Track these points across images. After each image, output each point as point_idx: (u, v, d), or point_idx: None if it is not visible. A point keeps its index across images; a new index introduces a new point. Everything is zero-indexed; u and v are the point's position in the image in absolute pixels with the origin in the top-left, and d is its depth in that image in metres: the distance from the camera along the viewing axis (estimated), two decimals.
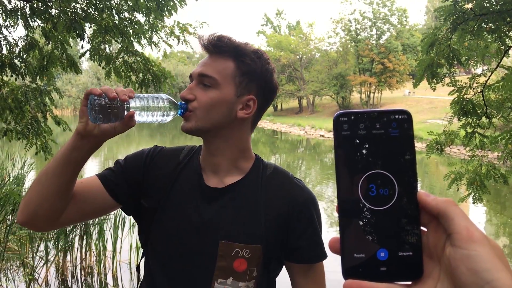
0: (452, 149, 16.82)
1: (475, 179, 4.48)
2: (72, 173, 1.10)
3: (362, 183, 0.47)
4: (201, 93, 1.19)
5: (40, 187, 1.11)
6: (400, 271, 0.46)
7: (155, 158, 1.33)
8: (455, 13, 4.04)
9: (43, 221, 1.15)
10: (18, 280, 5.04)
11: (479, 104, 4.32)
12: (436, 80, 4.32)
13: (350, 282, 0.45)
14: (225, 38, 1.21)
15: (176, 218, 1.24)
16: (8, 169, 7.70)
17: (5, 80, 4.75)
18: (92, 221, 5.60)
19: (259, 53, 1.25)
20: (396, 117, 0.48)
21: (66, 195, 1.13)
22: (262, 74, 1.23)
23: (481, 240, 0.41)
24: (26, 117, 4.60)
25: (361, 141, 0.48)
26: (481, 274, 0.40)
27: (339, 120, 0.48)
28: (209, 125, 1.19)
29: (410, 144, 0.48)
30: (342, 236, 0.47)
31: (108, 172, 1.28)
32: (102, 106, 1.01)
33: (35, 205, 1.12)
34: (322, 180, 15.25)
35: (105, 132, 1.06)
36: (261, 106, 1.26)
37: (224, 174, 1.26)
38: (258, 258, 1.19)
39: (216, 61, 1.21)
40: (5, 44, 4.65)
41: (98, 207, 1.26)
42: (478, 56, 4.29)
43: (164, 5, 4.84)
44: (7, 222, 5.26)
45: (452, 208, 0.44)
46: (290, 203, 1.23)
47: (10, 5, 4.59)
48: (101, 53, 4.96)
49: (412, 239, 0.46)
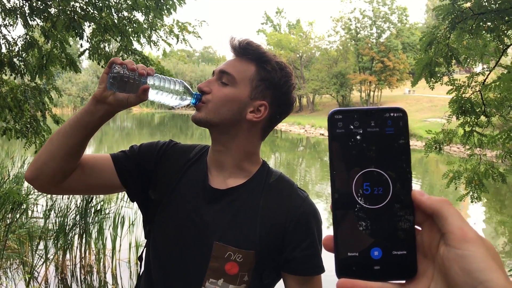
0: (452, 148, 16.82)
1: (474, 178, 4.49)
2: (81, 137, 1.16)
3: (357, 181, 0.47)
4: (217, 88, 1.23)
5: (50, 146, 1.17)
6: (394, 270, 0.46)
7: (167, 152, 1.36)
8: (454, 12, 4.04)
9: (47, 180, 1.19)
10: (17, 278, 5.04)
11: (478, 103, 4.32)
12: (434, 79, 4.32)
13: (344, 281, 0.45)
14: (253, 44, 1.25)
15: (177, 214, 1.26)
16: (7, 168, 7.71)
17: (5, 79, 4.75)
18: (92, 219, 5.61)
19: (283, 65, 1.27)
20: (391, 115, 0.48)
21: (73, 158, 1.18)
22: (280, 85, 1.25)
23: (475, 240, 0.41)
24: (26, 116, 4.60)
25: (355, 139, 0.47)
26: (474, 274, 0.40)
27: (334, 118, 0.48)
28: (217, 120, 1.21)
29: (405, 142, 0.47)
30: (336, 234, 0.47)
31: (121, 154, 1.32)
32: (120, 76, 1.09)
33: (42, 163, 1.17)
34: (322, 179, 15.26)
35: (118, 101, 1.13)
36: (272, 116, 1.27)
37: (228, 175, 1.27)
38: (250, 264, 1.18)
39: (240, 62, 1.25)
40: (4, 43, 4.65)
41: (103, 184, 1.30)
42: (477, 55, 4.29)
43: (163, 4, 4.84)
44: (6, 221, 5.27)
45: (447, 207, 0.44)
46: (288, 212, 1.21)
47: (9, 4, 4.59)
48: (100, 52, 4.95)
49: (406, 238, 0.46)
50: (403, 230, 0.46)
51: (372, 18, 50.50)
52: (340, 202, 0.47)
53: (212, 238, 1.20)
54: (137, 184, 1.32)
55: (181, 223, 1.25)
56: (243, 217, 1.22)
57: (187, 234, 1.24)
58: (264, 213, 1.21)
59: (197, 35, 5.44)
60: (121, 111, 1.18)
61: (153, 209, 1.30)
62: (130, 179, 1.30)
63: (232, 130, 1.24)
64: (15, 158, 8.69)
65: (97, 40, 4.94)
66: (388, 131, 0.47)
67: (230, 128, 1.23)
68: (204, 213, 1.23)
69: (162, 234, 1.28)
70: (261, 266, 1.20)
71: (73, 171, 1.21)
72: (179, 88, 1.20)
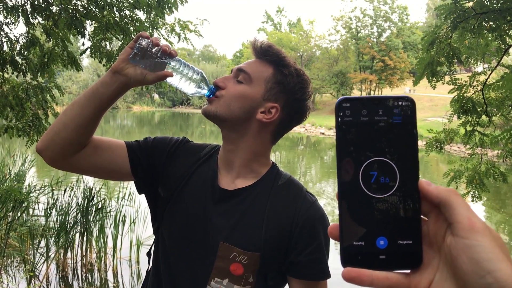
0: (452, 147, 16.83)
1: (475, 177, 4.49)
2: (95, 109, 1.17)
3: (363, 170, 0.47)
4: (232, 85, 1.24)
5: (63, 116, 1.19)
6: (400, 260, 0.46)
7: (179, 149, 1.36)
8: (456, 12, 4.04)
9: (57, 151, 1.20)
10: (19, 276, 5.06)
11: (479, 102, 4.32)
12: (436, 79, 4.32)
13: (349, 270, 0.45)
14: (275, 47, 1.26)
15: (185, 212, 1.27)
16: (9, 166, 7.70)
17: (6, 77, 4.75)
18: (93, 218, 5.62)
19: (301, 72, 1.27)
20: (400, 104, 0.47)
21: (85, 131, 1.19)
22: (295, 91, 1.25)
23: (483, 230, 0.41)
24: (27, 114, 4.60)
25: (363, 127, 0.47)
26: (482, 264, 0.40)
27: (342, 106, 0.47)
28: (227, 115, 1.22)
29: (413, 131, 0.47)
30: (341, 223, 0.47)
31: (136, 143, 1.33)
32: (143, 49, 1.11)
33: (54, 133, 1.19)
34: (322, 178, 15.27)
35: (136, 75, 1.14)
36: (284, 121, 1.27)
37: (236, 175, 1.27)
38: (254, 266, 1.18)
39: (258, 63, 1.27)
40: (6, 41, 4.65)
41: (112, 169, 1.30)
42: (479, 55, 4.30)
43: (165, 2, 4.84)
44: (8, 219, 5.27)
45: (454, 197, 0.44)
46: (295, 216, 1.20)
47: (11, 2, 4.60)
48: (101, 50, 4.96)
49: (412, 227, 0.46)
50: (409, 220, 0.46)
51: (372, 17, 50.50)
52: (346, 191, 0.47)
53: (218, 238, 1.20)
54: (146, 176, 1.33)
55: (189, 221, 1.25)
56: (250, 219, 1.21)
57: (195, 232, 1.24)
58: (270, 216, 1.20)
59: (198, 34, 5.44)
60: (135, 87, 1.20)
61: (162, 206, 1.31)
62: (140, 170, 1.31)
63: (241, 128, 1.24)
64: (16, 157, 8.68)
65: (99, 39, 4.94)
66: (396, 120, 0.47)
67: (239, 126, 1.23)
68: (211, 212, 1.24)
69: (170, 231, 1.29)
70: (265, 268, 1.19)
71: (84, 147, 1.22)
72: (197, 77, 1.21)
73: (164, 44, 1.13)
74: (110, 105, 1.20)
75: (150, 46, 1.11)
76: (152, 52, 1.11)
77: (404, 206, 0.46)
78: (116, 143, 1.30)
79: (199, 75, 1.21)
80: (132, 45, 1.13)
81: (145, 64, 1.12)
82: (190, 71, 1.20)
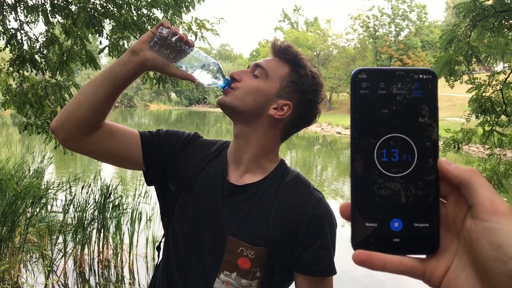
0: (471, 148, 16.59)
1: (493, 178, 4.42)
2: (109, 88, 1.19)
3: (379, 147, 0.44)
4: (248, 79, 1.27)
5: (79, 95, 1.22)
6: (415, 244, 0.43)
7: (190, 144, 1.39)
8: (475, 10, 3.98)
9: (71, 130, 1.22)
10: (37, 271, 5.14)
11: (498, 102, 4.26)
12: (454, 78, 4.26)
13: (360, 253, 0.42)
14: (294, 48, 1.29)
15: (195, 206, 1.29)
16: (28, 163, 7.83)
17: (26, 75, 4.83)
18: (110, 214, 5.68)
19: (316, 75, 1.30)
20: (420, 77, 0.44)
21: (98, 112, 1.21)
22: (308, 92, 1.27)
23: (507, 213, 0.38)
24: (46, 112, 4.68)
25: (380, 101, 0.44)
26: (504, 249, 0.36)
27: (358, 77, 0.44)
28: (241, 107, 1.24)
29: (434, 107, 0.44)
30: (353, 203, 0.44)
31: (148, 134, 1.36)
32: (164, 38, 1.13)
33: (69, 111, 1.21)
34: (338, 177, 15.19)
35: (152, 59, 1.16)
36: (294, 119, 1.28)
37: (244, 170, 1.28)
38: (261, 260, 1.19)
39: (276, 61, 1.29)
40: (26, 39, 4.74)
41: (124, 156, 1.32)
42: (498, 54, 4.23)
43: (182, 1, 4.87)
44: (27, 215, 5.36)
45: (476, 177, 0.40)
46: (302, 212, 1.21)
47: (32, 2, 4.68)
48: (119, 49, 5.01)
49: (430, 210, 0.43)
50: (427, 201, 0.43)
51: (390, 16, 50.07)
52: (360, 168, 0.44)
53: (226, 233, 1.22)
54: (156, 168, 1.35)
55: (200, 216, 1.27)
56: (257, 214, 1.23)
57: (204, 226, 1.26)
58: (277, 212, 1.22)
59: (215, 33, 5.46)
60: (150, 70, 1.22)
61: (172, 201, 1.33)
62: (152, 161, 1.33)
63: (253, 122, 1.26)
64: (35, 153, 8.81)
65: (117, 37, 4.99)
66: (415, 94, 0.44)
67: (252, 119, 1.25)
68: (220, 207, 1.26)
69: (180, 225, 1.31)
70: (272, 263, 1.21)
71: (98, 130, 1.24)
72: (214, 68, 1.23)
73: (184, 34, 1.16)
74: (124, 87, 1.22)
75: (170, 36, 1.14)
76: (171, 42, 1.14)
77: (422, 186, 0.43)
78: (130, 131, 1.33)
79: (216, 66, 1.23)
80: (154, 31, 1.15)
81: (163, 54, 1.15)
82: (207, 62, 1.22)
